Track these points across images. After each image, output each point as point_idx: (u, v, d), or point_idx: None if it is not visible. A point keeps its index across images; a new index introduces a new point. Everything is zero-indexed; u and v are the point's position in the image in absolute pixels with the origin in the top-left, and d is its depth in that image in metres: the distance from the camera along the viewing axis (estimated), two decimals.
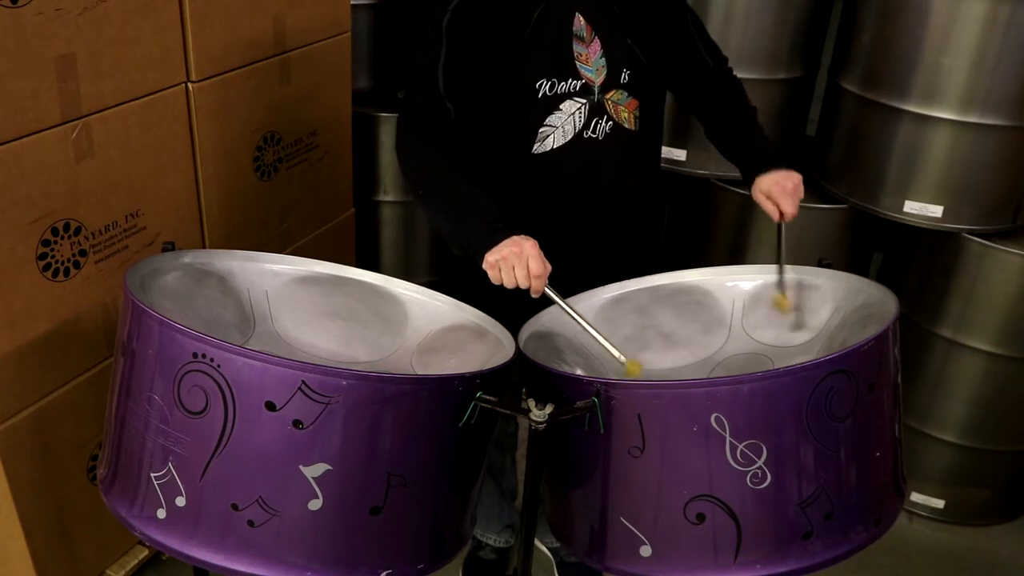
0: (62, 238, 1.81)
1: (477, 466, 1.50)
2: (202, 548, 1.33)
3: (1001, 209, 2.37)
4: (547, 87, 1.72)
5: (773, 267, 1.79)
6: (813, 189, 2.61)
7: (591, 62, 1.73)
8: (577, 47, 1.72)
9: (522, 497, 1.44)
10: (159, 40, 1.91)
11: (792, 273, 1.77)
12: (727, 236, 2.65)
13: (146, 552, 2.23)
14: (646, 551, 1.41)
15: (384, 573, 1.38)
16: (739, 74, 2.44)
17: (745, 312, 1.79)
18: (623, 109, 1.77)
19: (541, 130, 1.74)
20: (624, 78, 1.76)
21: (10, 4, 1.59)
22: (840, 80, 2.49)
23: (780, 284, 1.76)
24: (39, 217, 1.75)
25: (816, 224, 2.56)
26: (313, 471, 1.29)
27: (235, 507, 1.30)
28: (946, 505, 2.68)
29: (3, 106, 1.63)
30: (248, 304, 1.71)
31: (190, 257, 1.67)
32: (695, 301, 1.81)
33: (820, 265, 1.78)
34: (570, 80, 1.72)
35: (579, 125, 1.75)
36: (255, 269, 1.73)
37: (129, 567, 2.20)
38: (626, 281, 1.81)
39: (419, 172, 1.70)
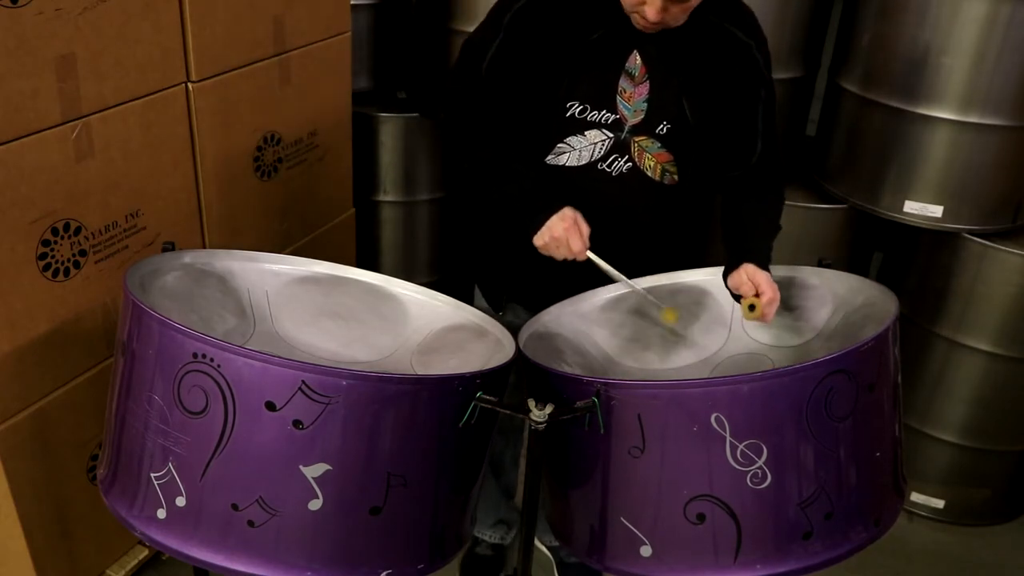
0: (62, 238, 1.81)
1: (477, 466, 1.50)
2: (202, 548, 1.32)
3: (1001, 209, 2.37)
4: (577, 110, 1.71)
5: (773, 267, 1.78)
6: (813, 189, 2.61)
7: (633, 102, 1.71)
8: (624, 82, 1.70)
9: (522, 497, 1.44)
10: (159, 40, 1.91)
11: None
12: None
13: (146, 552, 2.23)
14: (646, 551, 1.41)
15: (384, 573, 1.38)
16: None
17: None
18: (649, 157, 1.74)
19: (559, 145, 1.74)
20: (662, 129, 1.73)
21: (10, 4, 1.59)
22: (840, 80, 2.49)
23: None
24: (39, 217, 1.75)
25: (816, 224, 2.55)
26: (313, 471, 1.29)
27: (235, 507, 1.30)
28: (946, 505, 2.68)
29: (3, 106, 1.63)
30: (248, 304, 1.72)
31: (190, 257, 1.67)
32: (695, 301, 1.81)
33: (820, 265, 1.78)
34: (604, 112, 1.71)
35: (596, 155, 1.73)
36: (255, 269, 1.73)
37: (129, 567, 2.20)
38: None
39: (473, 159, 1.81)
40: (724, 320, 1.80)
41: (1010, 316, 2.39)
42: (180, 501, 1.32)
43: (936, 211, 2.37)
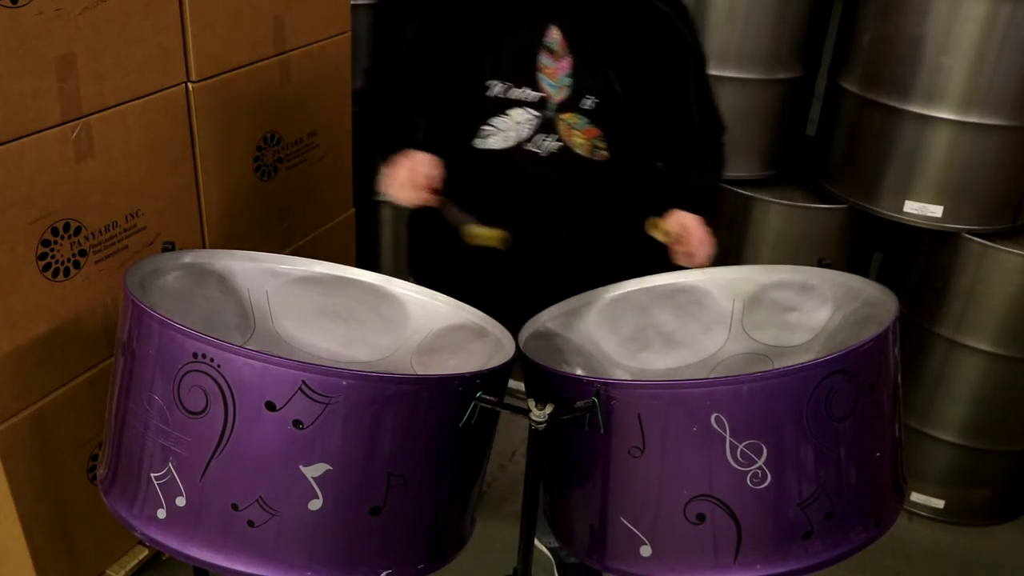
0: (62, 238, 1.81)
1: (477, 466, 1.50)
2: (202, 548, 1.33)
3: (1001, 209, 2.37)
4: (499, 89, 1.70)
5: (773, 267, 1.79)
6: (813, 189, 2.61)
7: (556, 78, 1.69)
8: (544, 58, 1.69)
9: (522, 497, 1.45)
10: (159, 40, 1.91)
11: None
12: (727, 236, 2.65)
13: (146, 552, 2.23)
14: (646, 551, 1.41)
15: (384, 573, 1.38)
16: (739, 74, 2.46)
17: (745, 312, 1.79)
18: (577, 134, 1.72)
19: (483, 128, 1.73)
20: (588, 104, 1.71)
21: (10, 4, 1.59)
22: (840, 80, 2.49)
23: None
24: (39, 217, 1.75)
25: (816, 224, 2.55)
26: (313, 471, 1.29)
27: (235, 507, 1.30)
28: (946, 505, 2.68)
29: (3, 106, 1.63)
30: (248, 304, 1.72)
31: (190, 257, 1.67)
32: (695, 301, 1.81)
33: (820, 265, 1.77)
34: (525, 89, 1.70)
35: (523, 136, 1.72)
36: (255, 269, 1.73)
37: (129, 567, 2.20)
38: (626, 281, 1.81)
39: (376, 127, 1.81)
40: (724, 320, 1.80)
41: (1010, 316, 2.39)
42: (180, 501, 1.32)
43: (936, 211, 2.37)
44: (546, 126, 1.71)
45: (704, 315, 1.81)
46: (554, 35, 1.69)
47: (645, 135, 1.79)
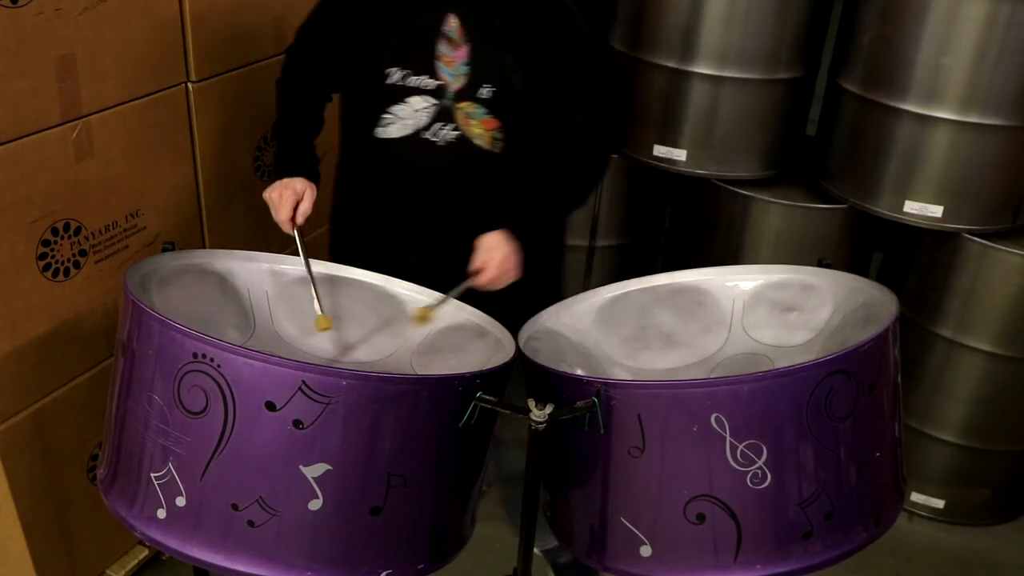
0: (62, 238, 1.81)
1: (477, 466, 1.50)
2: (202, 548, 1.33)
3: (1001, 209, 2.37)
4: (399, 76, 1.70)
5: (773, 267, 1.79)
6: (813, 189, 2.61)
7: (453, 66, 1.69)
8: (442, 47, 1.69)
9: (522, 497, 1.45)
10: (159, 40, 1.91)
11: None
12: (727, 236, 2.65)
13: (146, 552, 2.23)
14: (646, 551, 1.41)
15: (384, 573, 1.38)
16: (739, 74, 2.46)
17: (745, 312, 1.79)
18: (475, 124, 1.71)
19: (384, 116, 1.74)
20: (485, 93, 1.69)
21: (10, 4, 1.59)
22: (840, 80, 2.49)
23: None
24: (39, 217, 1.75)
25: (816, 224, 2.55)
26: (313, 471, 1.29)
27: (235, 507, 1.30)
28: (946, 505, 2.68)
29: (3, 106, 1.63)
30: (248, 304, 1.72)
31: (190, 257, 1.67)
32: (695, 301, 1.81)
33: (820, 265, 1.77)
34: (424, 77, 1.70)
35: (421, 124, 1.72)
36: (255, 269, 1.73)
37: (129, 567, 2.20)
38: (626, 281, 1.81)
39: (277, 101, 1.89)
40: (724, 320, 1.80)
41: (1010, 316, 2.39)
42: (180, 501, 1.32)
43: (936, 211, 2.36)
44: (444, 115, 1.71)
45: (704, 315, 1.81)
46: (452, 23, 1.68)
47: (544, 129, 1.77)
